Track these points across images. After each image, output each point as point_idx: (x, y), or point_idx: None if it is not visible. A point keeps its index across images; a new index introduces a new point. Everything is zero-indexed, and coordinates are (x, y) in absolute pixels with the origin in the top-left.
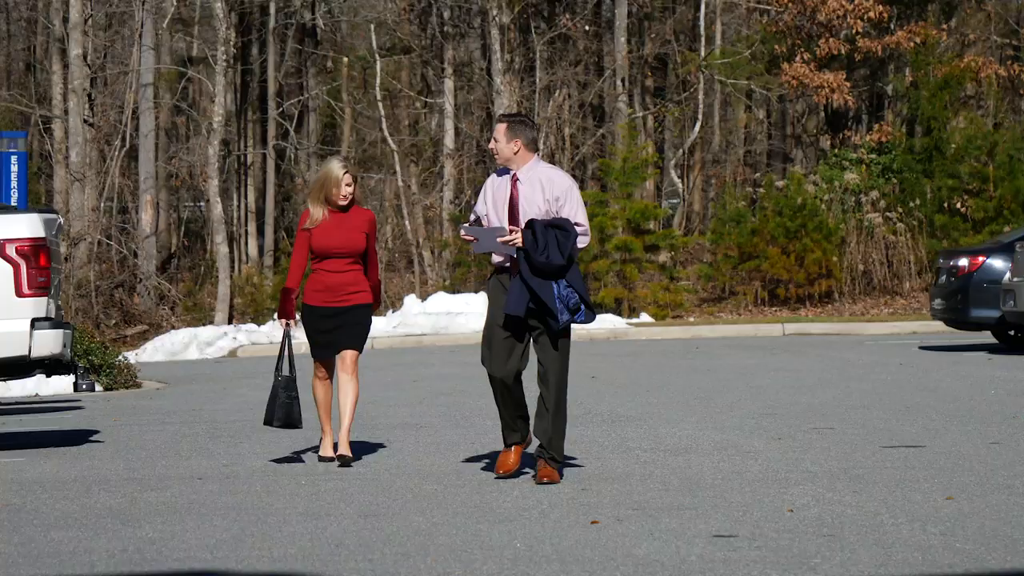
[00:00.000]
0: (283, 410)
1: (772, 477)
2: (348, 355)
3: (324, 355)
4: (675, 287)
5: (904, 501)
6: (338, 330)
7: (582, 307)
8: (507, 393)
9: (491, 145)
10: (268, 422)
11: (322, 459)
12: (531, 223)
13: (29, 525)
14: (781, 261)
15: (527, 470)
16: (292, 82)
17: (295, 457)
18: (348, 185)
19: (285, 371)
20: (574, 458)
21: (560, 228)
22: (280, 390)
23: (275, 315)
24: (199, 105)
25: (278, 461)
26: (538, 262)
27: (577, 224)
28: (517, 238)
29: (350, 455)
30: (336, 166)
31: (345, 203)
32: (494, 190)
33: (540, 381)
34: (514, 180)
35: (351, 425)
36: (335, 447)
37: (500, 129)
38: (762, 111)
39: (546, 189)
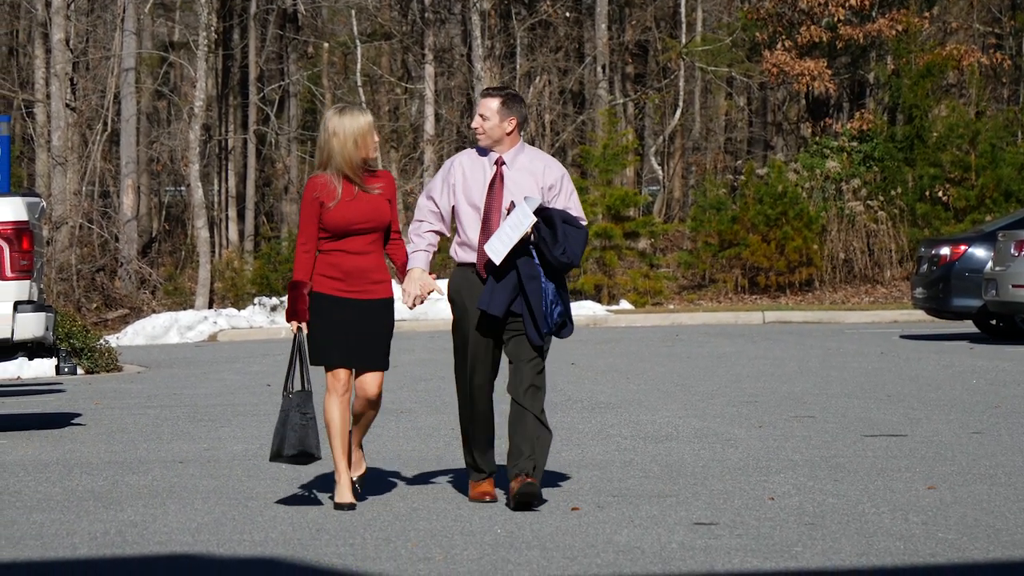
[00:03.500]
0: (297, 434)
1: (753, 465)
2: (371, 379)
3: (338, 361)
4: (655, 274)
5: (885, 490)
6: (357, 336)
7: (567, 320)
8: (483, 406)
9: (476, 123)
10: (277, 455)
11: (339, 506)
12: (547, 212)
13: (11, 507)
14: (761, 249)
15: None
16: (273, 67)
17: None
18: (375, 136)
19: (297, 386)
20: (555, 449)
21: (570, 224)
22: (293, 411)
23: (255, 300)
24: (180, 90)
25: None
26: (554, 258)
27: (579, 218)
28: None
29: (363, 470)
30: (356, 115)
31: (375, 156)
32: (467, 172)
33: (521, 394)
34: (499, 163)
35: (362, 440)
36: (354, 488)
37: (490, 105)
38: (743, 99)
39: (538, 176)
